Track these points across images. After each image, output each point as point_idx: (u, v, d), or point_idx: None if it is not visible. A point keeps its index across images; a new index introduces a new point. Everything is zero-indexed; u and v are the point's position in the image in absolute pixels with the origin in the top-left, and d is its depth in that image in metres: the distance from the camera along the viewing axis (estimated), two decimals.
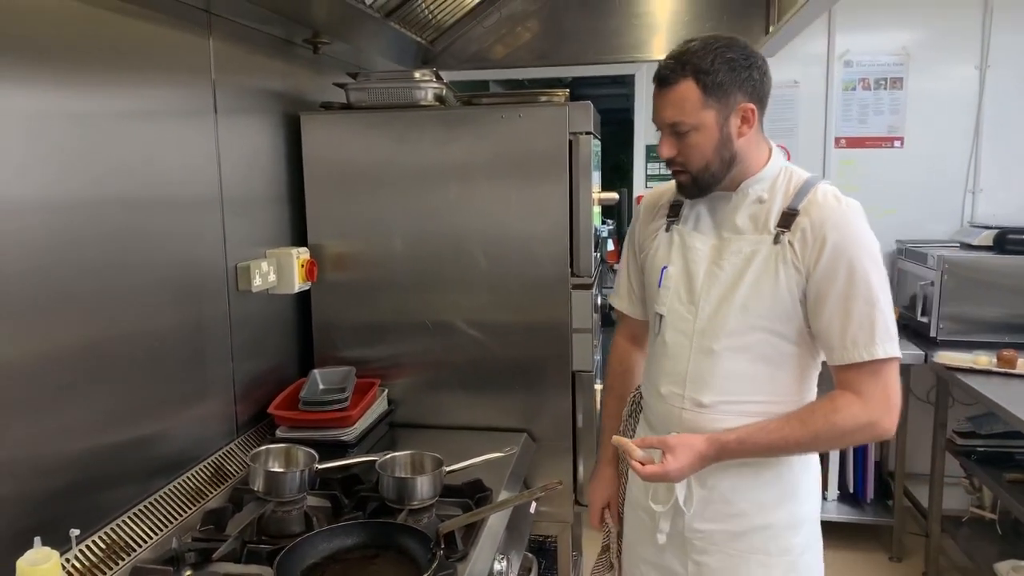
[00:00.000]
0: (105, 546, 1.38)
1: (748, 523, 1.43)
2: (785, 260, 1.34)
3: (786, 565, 1.44)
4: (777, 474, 1.44)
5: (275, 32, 2.10)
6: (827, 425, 1.33)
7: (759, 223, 1.39)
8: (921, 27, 3.48)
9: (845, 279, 1.31)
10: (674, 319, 1.46)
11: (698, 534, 1.46)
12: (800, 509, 1.46)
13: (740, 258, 1.38)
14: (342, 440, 1.91)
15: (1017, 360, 2.74)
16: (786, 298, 1.35)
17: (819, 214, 1.34)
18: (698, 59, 1.32)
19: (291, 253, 2.06)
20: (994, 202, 3.50)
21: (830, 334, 1.34)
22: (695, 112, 1.33)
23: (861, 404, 1.32)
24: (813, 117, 3.60)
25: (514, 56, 3.12)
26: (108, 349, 1.47)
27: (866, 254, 1.33)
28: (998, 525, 2.99)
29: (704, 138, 1.35)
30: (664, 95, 1.36)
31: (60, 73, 1.35)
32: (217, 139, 1.83)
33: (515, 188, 2.08)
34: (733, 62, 1.33)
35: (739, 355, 1.39)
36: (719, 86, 1.32)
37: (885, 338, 1.32)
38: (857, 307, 1.31)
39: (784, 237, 1.35)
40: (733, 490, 1.43)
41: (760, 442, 1.34)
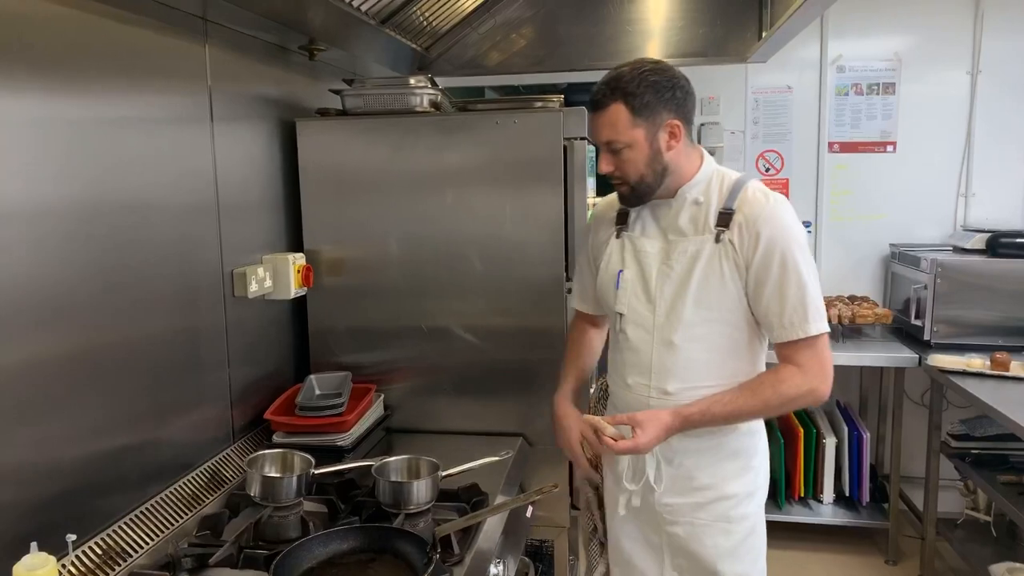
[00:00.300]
0: (102, 552, 1.38)
1: (711, 495, 1.61)
2: (727, 256, 1.51)
3: (746, 529, 1.63)
4: (734, 451, 1.62)
5: (271, 39, 2.11)
6: (774, 394, 1.50)
7: (699, 224, 1.55)
8: (913, 33, 3.51)
9: (779, 268, 1.48)
10: (634, 316, 1.62)
11: (667, 508, 1.64)
12: (755, 480, 1.65)
13: (687, 258, 1.55)
14: (338, 445, 1.92)
15: (1010, 363, 2.76)
16: (731, 290, 1.52)
17: (751, 210, 1.50)
18: (625, 83, 1.47)
19: (287, 259, 2.07)
20: (986, 206, 3.52)
21: (769, 317, 1.51)
22: (626, 131, 1.49)
23: (802, 374, 1.49)
24: (807, 122, 3.62)
25: (509, 62, 3.14)
26: (105, 355, 1.48)
27: (795, 244, 1.49)
28: (993, 527, 3.00)
29: (636, 153, 1.51)
30: (598, 117, 1.52)
31: (57, 80, 1.36)
32: (213, 145, 1.84)
33: (510, 193, 2.09)
34: (657, 84, 1.48)
35: (696, 345, 1.55)
36: (646, 106, 1.48)
37: (816, 317, 1.49)
38: (791, 292, 1.48)
39: (724, 236, 1.51)
40: (697, 467, 1.61)
41: (718, 412, 1.51)
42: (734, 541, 1.62)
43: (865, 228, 3.63)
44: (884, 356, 3.11)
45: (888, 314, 3.27)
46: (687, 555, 1.65)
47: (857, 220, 3.64)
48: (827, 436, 3.34)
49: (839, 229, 3.66)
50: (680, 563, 1.66)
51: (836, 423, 3.43)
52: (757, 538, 1.66)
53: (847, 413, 3.51)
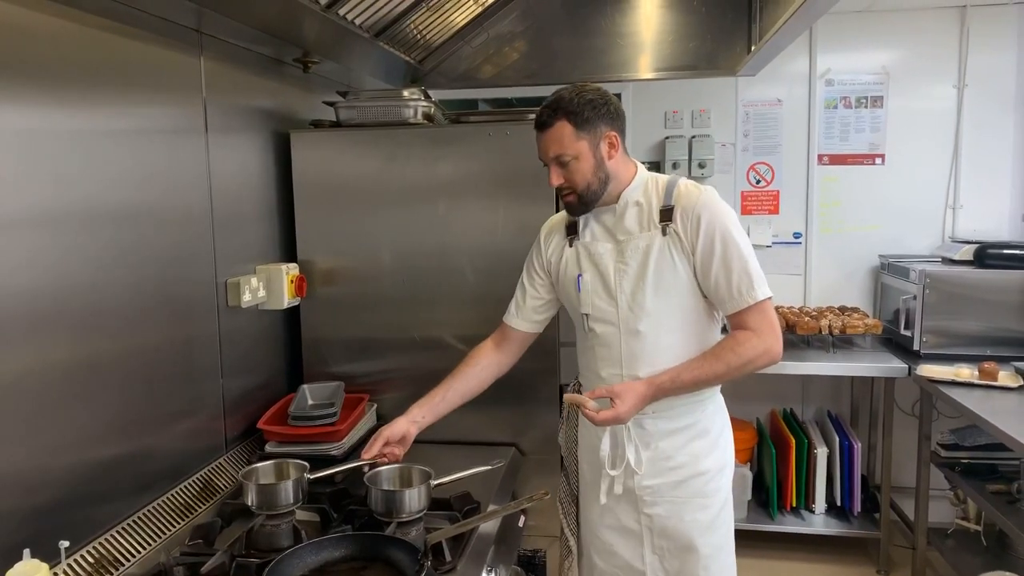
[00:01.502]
0: (94, 560, 1.39)
1: (686, 472, 1.73)
2: (675, 246, 1.66)
3: (719, 502, 1.76)
4: (704, 429, 1.75)
5: (265, 51, 2.13)
6: (735, 356, 1.62)
7: (643, 222, 1.70)
8: (900, 47, 3.56)
9: (721, 245, 1.62)
10: (599, 313, 1.73)
11: (647, 490, 1.74)
12: (723, 456, 1.78)
13: (640, 252, 1.69)
14: (331, 455, 1.92)
15: (998, 372, 2.78)
16: (683, 274, 1.66)
17: (688, 202, 1.66)
18: (566, 103, 1.63)
19: (281, 269, 2.08)
20: (974, 217, 3.56)
21: (719, 290, 1.65)
22: (572, 144, 1.64)
23: (757, 337, 1.63)
24: (796, 135, 3.66)
25: (502, 75, 3.16)
26: (98, 364, 1.49)
27: (730, 223, 1.65)
28: (983, 536, 3.01)
29: (583, 163, 1.65)
30: (545, 135, 1.66)
31: (53, 91, 1.38)
32: (208, 156, 1.86)
33: (502, 204, 2.11)
34: (593, 102, 1.64)
35: (659, 330, 1.68)
36: (587, 121, 1.63)
37: (760, 283, 1.63)
38: (734, 265, 1.62)
39: (669, 228, 1.66)
40: (672, 447, 1.73)
41: (687, 378, 1.63)
42: (710, 515, 1.74)
43: (855, 239, 3.67)
44: (874, 366, 3.13)
45: (878, 325, 3.30)
46: (667, 534, 1.75)
47: (847, 232, 3.68)
48: (818, 446, 3.35)
49: (829, 241, 3.69)
50: (660, 544, 1.76)
51: (827, 433, 3.45)
52: (727, 511, 1.79)
53: (838, 423, 3.53)
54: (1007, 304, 3.08)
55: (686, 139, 3.64)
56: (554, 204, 2.08)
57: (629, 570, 1.79)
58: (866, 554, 3.37)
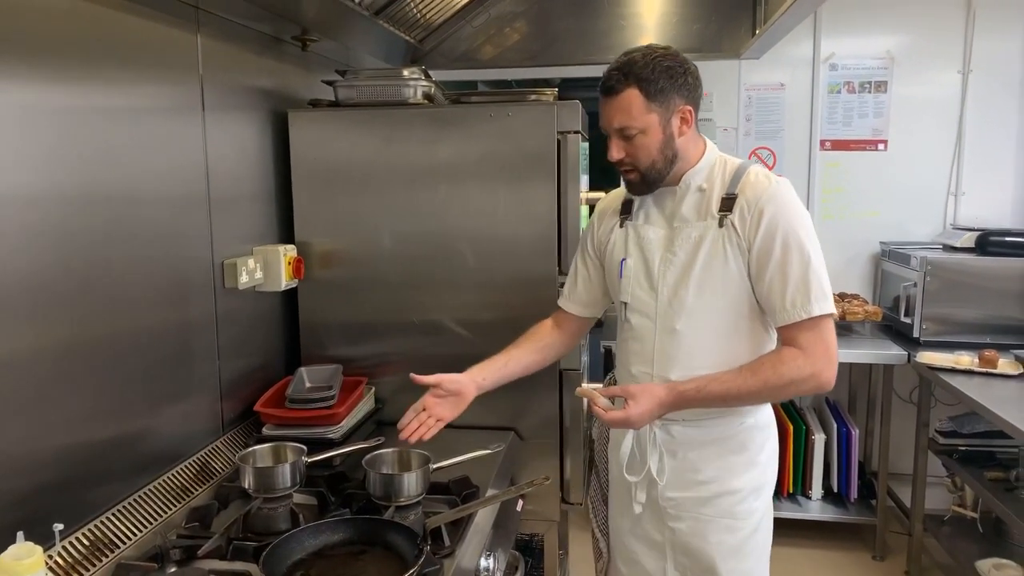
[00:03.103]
0: (89, 543, 1.37)
1: (715, 489, 1.58)
2: (731, 240, 1.49)
3: (751, 526, 1.60)
4: (741, 443, 1.59)
5: (264, 29, 2.10)
6: (775, 375, 1.45)
7: (702, 210, 1.54)
8: (905, 32, 3.52)
9: (781, 247, 1.46)
10: (637, 304, 1.60)
11: (671, 502, 1.61)
12: (762, 476, 1.62)
13: (690, 243, 1.53)
14: (328, 438, 1.91)
15: (998, 360, 2.78)
16: (735, 275, 1.50)
17: (753, 193, 1.49)
18: (639, 68, 1.46)
19: (278, 250, 2.05)
20: (976, 204, 3.55)
21: (771, 298, 1.48)
22: (641, 116, 1.48)
23: (804, 357, 1.45)
24: (799, 119, 3.63)
25: (503, 56, 3.13)
26: (93, 346, 1.47)
27: (799, 223, 1.47)
28: (979, 523, 3.02)
29: (650, 139, 1.50)
30: (611, 103, 1.49)
31: (46, 68, 1.35)
32: (204, 136, 1.83)
33: (503, 186, 2.09)
34: (671, 70, 1.48)
35: (699, 331, 1.53)
36: (660, 92, 1.47)
37: (820, 297, 1.45)
38: (793, 271, 1.45)
39: (727, 219, 1.50)
40: (701, 459, 1.58)
41: (715, 391, 1.46)
42: (739, 539, 1.59)
43: (856, 226, 3.65)
44: (873, 353, 3.12)
45: (878, 311, 3.29)
46: (689, 553, 1.62)
47: (848, 218, 3.66)
48: (816, 433, 3.35)
49: (830, 227, 3.67)
50: (683, 561, 1.63)
51: (825, 420, 3.45)
52: (762, 536, 1.63)
53: (836, 410, 3.53)
54: (1008, 292, 3.07)
55: None
56: (555, 187, 2.06)
57: None
58: (862, 540, 3.38)
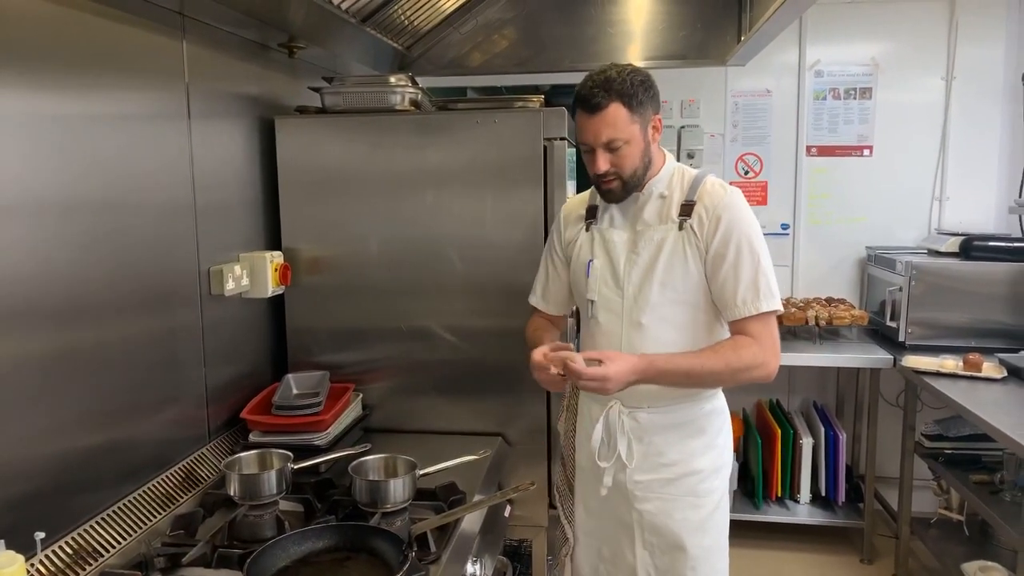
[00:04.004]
0: (72, 551, 1.36)
1: (679, 470, 1.71)
2: (690, 242, 1.63)
3: (712, 503, 1.73)
4: (700, 428, 1.73)
5: (250, 36, 2.10)
6: (734, 356, 1.58)
7: (663, 215, 1.67)
8: (889, 39, 3.56)
9: (735, 249, 1.60)
10: (604, 302, 1.72)
11: (639, 485, 1.72)
12: (720, 457, 1.76)
13: (653, 245, 1.66)
14: (315, 444, 1.90)
15: (982, 364, 2.80)
16: (694, 273, 1.63)
17: (711, 200, 1.63)
18: (619, 84, 1.57)
19: (265, 257, 2.05)
20: (960, 210, 3.58)
21: (724, 295, 1.62)
22: (625, 128, 1.59)
23: (757, 344, 1.60)
24: (785, 125, 3.66)
25: (491, 63, 3.14)
26: (78, 352, 1.46)
27: (751, 229, 1.62)
28: (965, 526, 3.04)
29: (634, 149, 1.61)
30: (597, 118, 1.58)
31: (32, 75, 1.34)
32: (190, 143, 1.83)
33: (490, 193, 2.10)
34: (644, 83, 1.60)
35: (662, 325, 1.66)
36: (640, 104, 1.59)
37: (767, 295, 1.60)
38: (745, 272, 1.59)
39: (687, 223, 1.63)
40: (665, 443, 1.70)
41: (681, 364, 1.58)
42: (702, 515, 1.72)
43: (842, 231, 3.68)
44: (860, 357, 3.14)
45: (864, 316, 3.31)
46: (657, 531, 1.72)
47: (834, 223, 3.68)
48: (804, 436, 3.37)
49: (817, 232, 3.70)
50: (651, 540, 1.74)
51: (813, 424, 3.47)
52: (722, 513, 1.76)
53: (823, 414, 3.55)
54: (992, 296, 3.10)
55: (675, 129, 3.63)
56: (542, 193, 2.07)
57: (621, 562, 1.78)
58: (850, 543, 3.40)
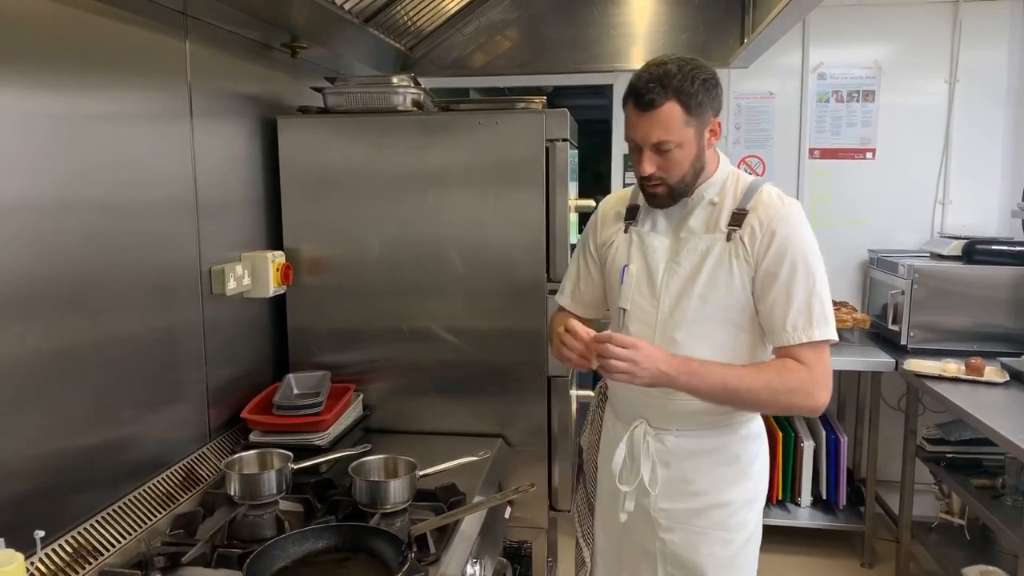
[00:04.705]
0: (72, 550, 1.36)
1: (708, 501, 1.57)
2: (737, 255, 1.49)
3: (743, 538, 1.60)
4: (734, 454, 1.59)
5: (253, 36, 2.10)
6: (777, 378, 1.45)
7: (711, 224, 1.53)
8: (892, 41, 3.56)
9: (788, 268, 1.46)
10: (637, 312, 1.58)
11: (663, 513, 1.59)
12: (755, 488, 1.62)
13: (696, 255, 1.52)
14: (315, 444, 1.90)
15: (984, 368, 2.79)
16: (739, 289, 1.49)
17: (767, 212, 1.49)
18: (679, 82, 1.42)
19: (266, 256, 2.05)
20: (963, 213, 3.57)
21: (772, 318, 1.48)
22: (679, 130, 1.45)
23: (807, 371, 1.45)
24: (788, 128, 3.66)
25: (494, 64, 3.14)
26: (79, 351, 1.46)
27: (808, 247, 1.48)
28: (966, 531, 3.03)
29: (685, 153, 1.47)
30: (649, 117, 1.44)
31: (34, 74, 1.34)
32: (193, 142, 1.83)
33: (492, 194, 2.09)
34: (707, 82, 1.45)
35: (699, 343, 1.51)
36: (699, 106, 1.45)
37: (822, 322, 1.46)
38: (798, 294, 1.45)
39: (736, 234, 1.49)
40: (693, 470, 1.57)
41: (718, 373, 1.44)
42: (732, 551, 1.58)
43: (844, 234, 3.67)
44: (862, 361, 3.13)
45: (866, 319, 3.31)
46: (681, 564, 1.60)
47: (837, 226, 3.68)
48: (805, 440, 3.36)
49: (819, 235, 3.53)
50: (674, 573, 1.61)
51: (814, 427, 3.46)
52: (753, 547, 1.63)
53: (825, 417, 3.54)
54: (994, 300, 3.09)
55: None
56: (543, 195, 2.07)
57: None
58: (851, 547, 3.39)
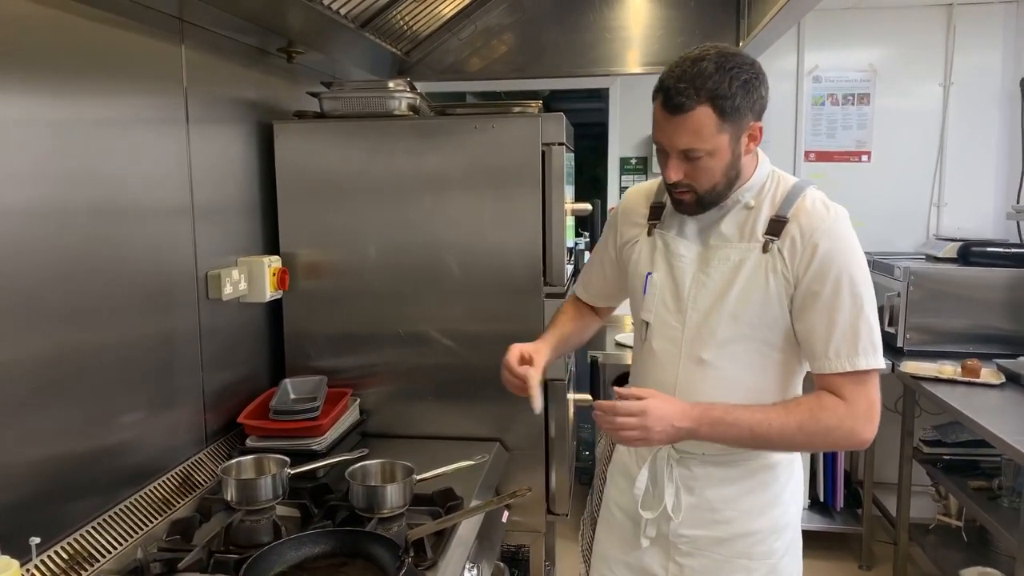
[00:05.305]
0: (68, 556, 1.36)
1: (734, 529, 1.45)
2: (775, 269, 1.34)
3: (767, 568, 1.47)
4: (763, 483, 1.46)
5: (249, 41, 2.10)
6: (811, 418, 1.31)
7: (745, 231, 1.38)
8: (887, 45, 3.57)
9: (832, 288, 1.30)
10: (661, 327, 1.45)
11: (683, 539, 1.48)
12: (784, 515, 1.49)
13: (728, 266, 1.37)
14: (312, 449, 1.90)
15: (981, 370, 2.80)
16: (775, 306, 1.35)
17: (809, 222, 1.33)
18: (715, 83, 1.26)
19: (263, 261, 2.05)
20: (958, 215, 3.59)
21: (813, 342, 1.33)
22: (711, 138, 1.29)
23: (846, 407, 1.31)
24: (783, 131, 3.67)
25: (490, 68, 3.14)
26: (75, 357, 1.46)
27: (855, 264, 1.32)
28: (964, 532, 3.03)
29: (717, 161, 1.32)
30: (678, 122, 1.29)
31: (29, 79, 1.34)
32: (189, 147, 1.83)
33: (489, 198, 2.10)
34: (748, 84, 1.28)
35: (728, 364, 1.38)
36: (736, 110, 1.28)
37: (869, 349, 1.31)
38: (842, 316, 1.30)
39: (773, 245, 1.34)
40: (720, 499, 1.45)
41: (743, 420, 1.31)
42: None
43: None
44: None
45: None
46: None
47: None
48: None
49: None
50: None
51: None
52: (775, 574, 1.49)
53: None
54: (990, 302, 3.10)
55: None
56: (540, 198, 2.07)
57: None
58: (848, 549, 3.39)
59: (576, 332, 1.72)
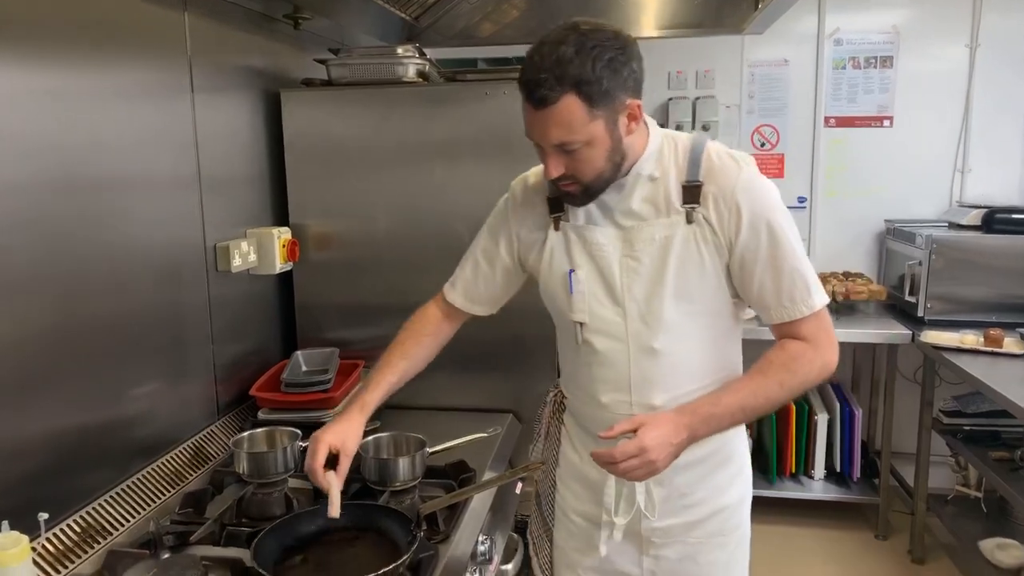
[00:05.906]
0: (80, 530, 1.36)
1: (706, 510, 1.43)
2: (705, 239, 1.29)
3: (738, 537, 1.49)
4: (726, 456, 1.45)
5: (254, 7, 2.06)
6: (788, 373, 1.29)
7: (660, 204, 1.31)
8: (911, 6, 3.45)
9: (768, 240, 1.28)
10: (600, 325, 1.36)
11: (657, 531, 1.44)
12: (745, 484, 1.50)
13: (655, 246, 1.31)
14: (324, 422, 1.89)
15: (1004, 339, 2.74)
16: (712, 276, 1.31)
17: (725, 180, 1.28)
18: (577, 69, 1.16)
19: (272, 233, 2.03)
20: (982, 182, 3.49)
21: (763, 297, 1.31)
22: (583, 127, 1.20)
23: (812, 349, 1.30)
24: (803, 96, 3.57)
25: (502, 33, 3.07)
26: (84, 331, 1.45)
27: (776, 207, 1.30)
28: (983, 503, 3.00)
29: (597, 150, 1.23)
30: (546, 115, 1.19)
31: (30, 50, 1.31)
32: (194, 117, 1.80)
33: (500, 165, 2.05)
34: (613, 62, 1.18)
35: (682, 346, 1.33)
36: (605, 94, 1.19)
37: (816, 289, 1.31)
38: (786, 264, 1.29)
39: (697, 214, 1.29)
40: (689, 483, 1.41)
41: (731, 402, 1.27)
42: (728, 553, 1.47)
43: (860, 204, 3.60)
44: (877, 332, 3.09)
45: (882, 290, 3.25)
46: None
47: (853, 196, 3.61)
48: (819, 412, 3.33)
49: (834, 205, 3.63)
50: None
51: (828, 399, 3.43)
52: (745, 545, 1.52)
53: (839, 390, 3.50)
54: (1014, 270, 3.03)
55: (690, 100, 3.55)
56: None
57: None
58: (865, 519, 3.37)
59: (423, 358, 1.57)
